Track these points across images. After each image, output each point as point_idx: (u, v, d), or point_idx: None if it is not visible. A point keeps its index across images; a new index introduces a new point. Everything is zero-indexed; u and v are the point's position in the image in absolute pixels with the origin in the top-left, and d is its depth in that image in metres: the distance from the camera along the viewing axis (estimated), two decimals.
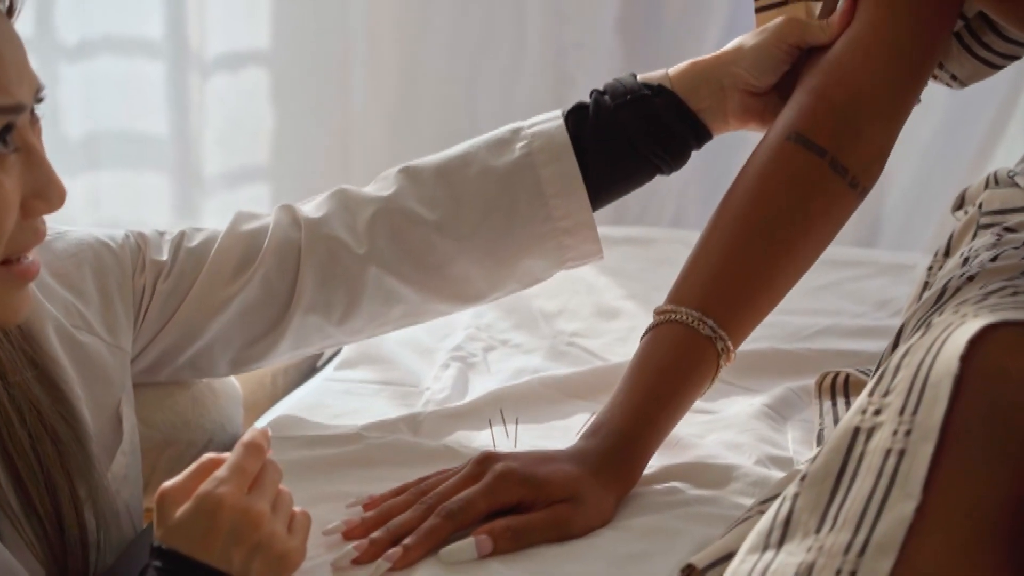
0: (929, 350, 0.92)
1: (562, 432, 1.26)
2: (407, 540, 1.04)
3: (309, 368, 1.57)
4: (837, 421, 1.28)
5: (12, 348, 1.04)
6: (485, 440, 1.26)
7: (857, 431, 0.91)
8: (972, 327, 0.91)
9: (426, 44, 2.56)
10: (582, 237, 1.26)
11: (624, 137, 1.25)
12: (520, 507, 1.07)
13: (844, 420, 0.93)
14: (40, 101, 0.96)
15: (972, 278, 1.14)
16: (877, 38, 1.21)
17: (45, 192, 0.96)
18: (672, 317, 1.17)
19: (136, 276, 1.21)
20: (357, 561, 1.03)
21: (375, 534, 1.05)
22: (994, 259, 1.16)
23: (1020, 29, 1.21)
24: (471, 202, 1.24)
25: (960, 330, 0.92)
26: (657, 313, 1.19)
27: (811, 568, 0.84)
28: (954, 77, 1.31)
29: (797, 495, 0.90)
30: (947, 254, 1.34)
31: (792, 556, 0.86)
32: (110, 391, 1.15)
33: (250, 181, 2.73)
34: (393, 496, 1.11)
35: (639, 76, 1.28)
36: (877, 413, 0.91)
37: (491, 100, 2.56)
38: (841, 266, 1.82)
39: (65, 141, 2.62)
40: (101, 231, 1.22)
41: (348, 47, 2.58)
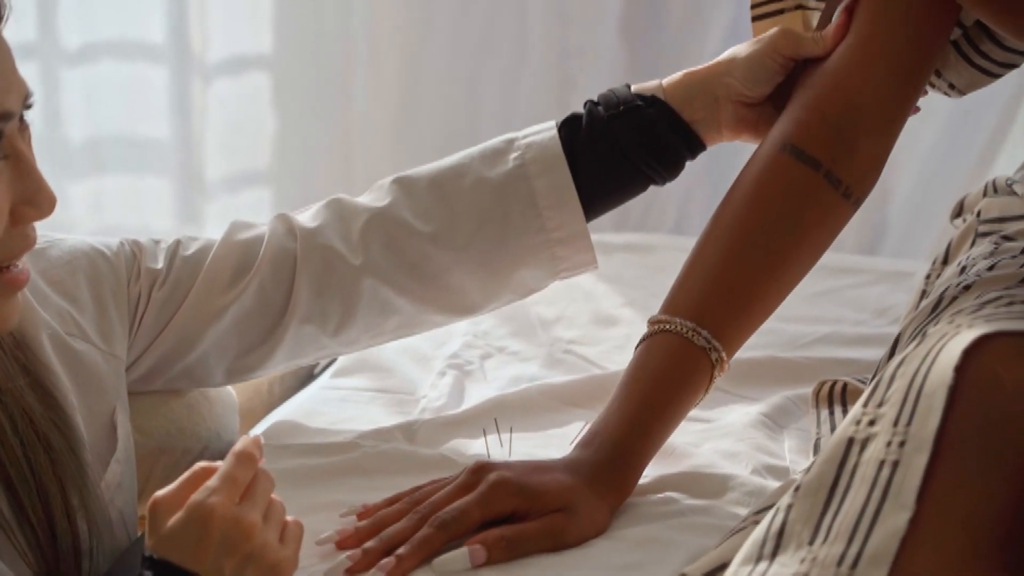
0: (924, 360, 0.92)
1: (559, 440, 1.25)
2: (400, 550, 1.04)
3: (306, 375, 1.57)
4: (834, 430, 1.28)
5: (5, 355, 1.04)
6: (481, 449, 1.26)
7: (851, 442, 0.90)
8: (967, 337, 0.91)
9: (427, 48, 2.56)
10: (576, 247, 1.26)
11: (617, 148, 1.25)
12: (514, 517, 1.07)
13: (838, 431, 0.93)
14: (29, 108, 0.96)
15: (968, 287, 1.14)
16: (872, 50, 1.21)
17: (35, 199, 0.95)
18: (666, 327, 1.17)
19: (131, 284, 1.21)
20: (350, 571, 1.03)
21: (368, 544, 1.05)
22: (991, 268, 1.16)
23: (1017, 38, 1.21)
24: (465, 213, 1.24)
25: (955, 340, 0.92)
26: (651, 323, 1.19)
27: None
28: (952, 86, 1.30)
29: (791, 506, 0.90)
30: (945, 262, 1.34)
31: (785, 568, 0.86)
32: (104, 399, 1.15)
33: (252, 185, 2.73)
34: (387, 505, 1.11)
35: (633, 86, 1.28)
36: (871, 424, 0.90)
37: (493, 104, 2.56)
38: (841, 273, 1.81)
39: (67, 145, 2.62)
40: (96, 239, 1.22)
41: (349, 51, 2.58)
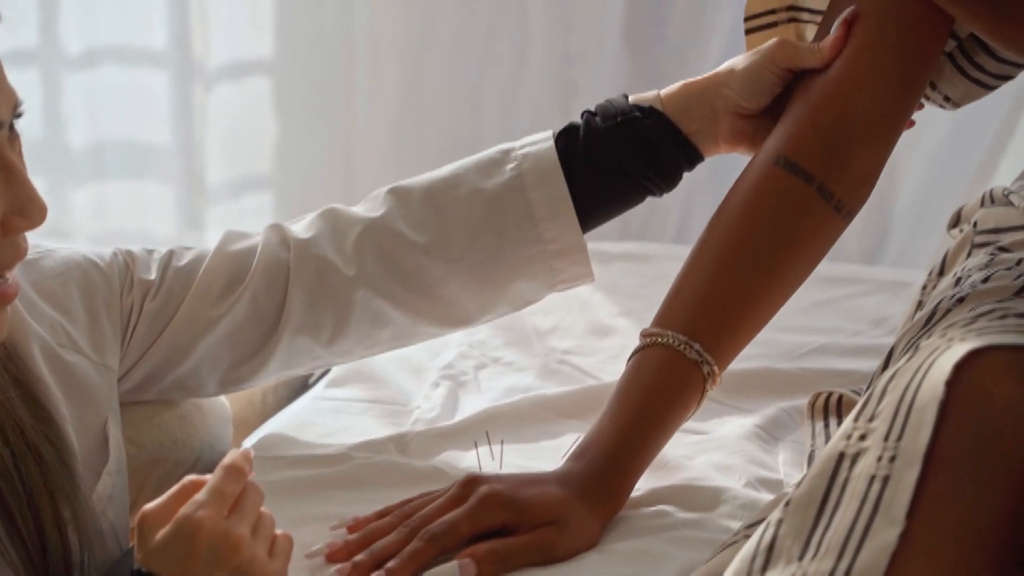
0: (915, 375, 0.92)
1: (551, 452, 1.25)
2: (390, 563, 1.04)
3: (300, 386, 1.57)
4: (829, 442, 1.28)
5: None
6: (473, 460, 1.25)
7: (842, 456, 0.90)
8: (958, 351, 0.91)
9: (429, 52, 2.56)
10: (572, 260, 1.25)
11: (614, 159, 1.24)
12: (505, 530, 1.07)
13: (829, 445, 0.93)
14: (19, 116, 0.96)
15: (962, 300, 1.13)
16: (867, 63, 1.20)
17: (26, 209, 0.95)
18: (658, 340, 1.17)
19: (124, 295, 1.20)
20: None
21: (358, 557, 1.05)
22: (986, 280, 1.16)
23: (1011, 50, 1.20)
24: (460, 225, 1.24)
25: (946, 354, 0.92)
26: (643, 336, 1.19)
27: None
28: (947, 98, 1.30)
29: (781, 521, 0.90)
30: (941, 273, 1.33)
31: None
32: (96, 410, 1.15)
33: (253, 190, 2.73)
34: (377, 518, 1.10)
35: (631, 97, 1.27)
36: (862, 438, 0.90)
37: (494, 109, 2.56)
38: (839, 283, 1.81)
39: (69, 151, 2.62)
40: (89, 249, 1.22)
41: (351, 55, 2.58)
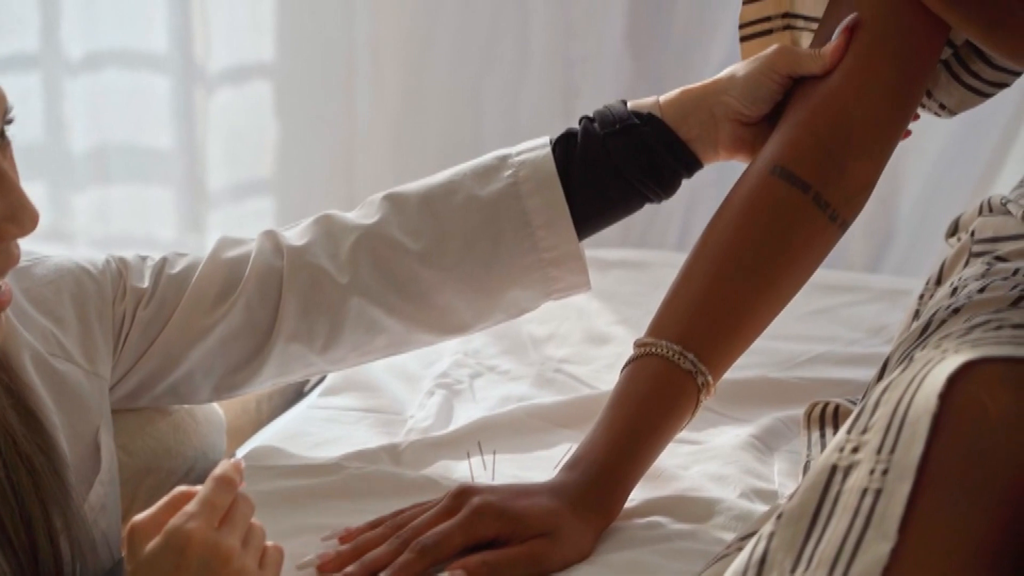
0: (908, 387, 0.91)
1: (545, 462, 1.24)
2: (381, 575, 1.03)
3: (294, 394, 1.56)
4: (822, 453, 1.27)
5: None
6: (467, 470, 1.25)
7: (834, 469, 0.90)
8: (952, 363, 0.90)
9: (430, 56, 2.55)
10: (569, 268, 1.25)
11: (612, 167, 1.24)
12: (497, 542, 1.06)
13: (822, 457, 0.92)
14: (10, 123, 0.95)
15: (958, 310, 1.13)
16: (865, 71, 1.20)
17: (17, 216, 0.94)
18: (652, 350, 1.16)
19: (116, 303, 1.20)
20: None
21: (349, 568, 1.05)
22: (982, 290, 1.15)
23: (1007, 57, 1.20)
24: (455, 232, 1.23)
25: (940, 366, 0.91)
26: (637, 345, 1.18)
27: None
28: (943, 106, 1.30)
29: (773, 534, 0.89)
30: (938, 282, 1.33)
31: None
32: (88, 419, 1.14)
33: (255, 194, 2.73)
34: (369, 529, 1.10)
35: (629, 103, 1.27)
36: (855, 451, 0.90)
37: (496, 113, 2.55)
38: (837, 291, 1.80)
39: (71, 155, 2.62)
40: (82, 256, 1.21)
41: (352, 59, 2.58)
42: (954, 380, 0.89)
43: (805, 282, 1.21)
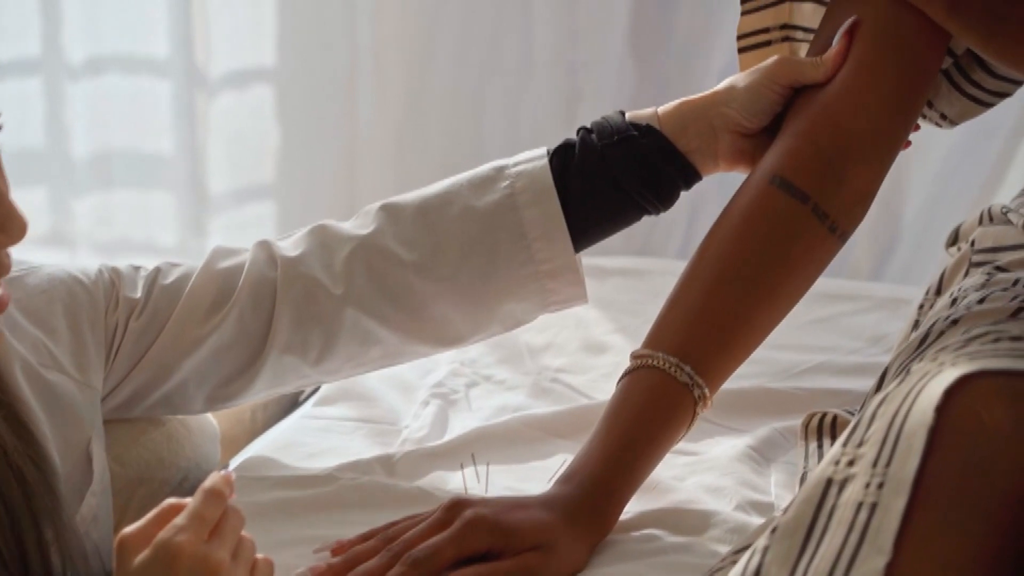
0: (905, 399, 0.90)
1: (540, 473, 1.24)
2: None
3: (290, 403, 1.56)
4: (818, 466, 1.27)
5: None
6: (461, 482, 1.24)
7: (830, 483, 0.89)
8: (948, 377, 0.90)
9: (433, 60, 2.54)
10: (565, 280, 1.24)
11: (610, 178, 1.23)
12: (489, 555, 1.06)
13: (817, 470, 0.92)
14: None
15: (956, 322, 1.12)
16: (865, 81, 1.19)
17: (5, 225, 0.93)
18: (648, 362, 1.16)
19: (109, 313, 1.19)
20: None
21: None
22: (981, 301, 1.14)
23: (1008, 66, 1.19)
24: (451, 243, 1.23)
25: (936, 380, 0.90)
26: (634, 357, 1.18)
27: None
28: (944, 116, 1.29)
29: (767, 548, 0.89)
30: (938, 292, 1.32)
31: None
32: (79, 430, 1.14)
33: (256, 198, 2.72)
34: (361, 541, 1.09)
35: (628, 114, 1.26)
36: (850, 464, 0.89)
37: (499, 118, 2.54)
38: (837, 299, 1.79)
39: (72, 160, 2.62)
40: (74, 266, 1.21)
41: (354, 63, 2.57)
42: (951, 393, 0.88)
43: (804, 293, 1.21)
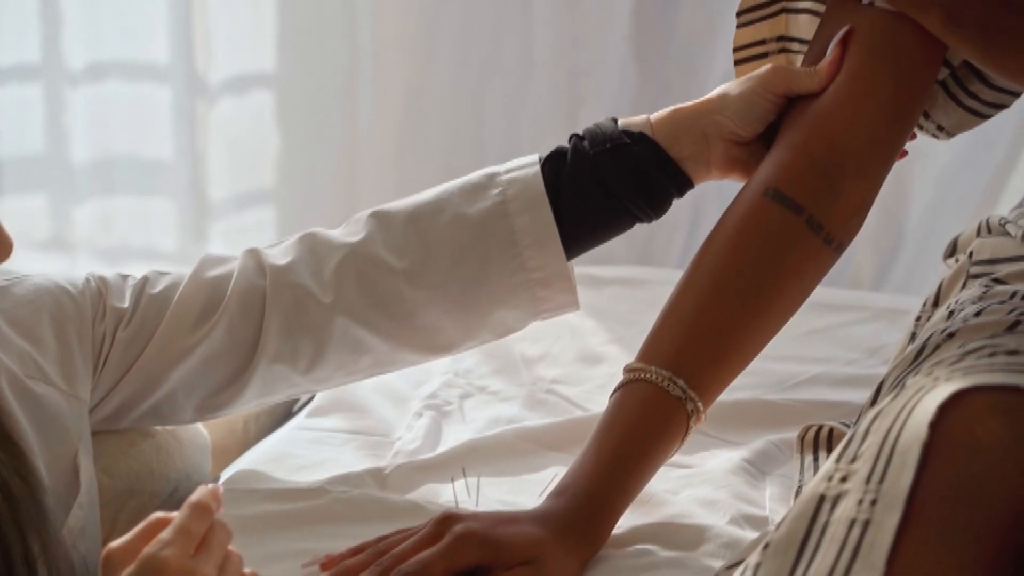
0: (899, 415, 0.90)
1: (533, 486, 1.23)
2: None
3: (283, 413, 1.55)
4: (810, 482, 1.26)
5: None
6: (452, 495, 1.23)
7: (822, 499, 0.89)
8: (943, 392, 0.89)
9: (432, 65, 2.54)
10: (557, 288, 1.23)
11: (602, 186, 1.22)
12: (479, 570, 1.05)
13: (810, 486, 0.91)
14: None
15: (952, 335, 1.11)
16: (861, 92, 1.18)
17: None
18: (641, 376, 1.15)
19: (96, 323, 1.19)
20: None
21: None
22: (978, 314, 1.14)
23: (1005, 77, 1.18)
24: (441, 251, 1.22)
25: (931, 395, 0.90)
26: (627, 370, 1.17)
27: None
28: (940, 128, 1.28)
29: (759, 565, 0.88)
30: (936, 304, 1.31)
31: None
32: (67, 442, 1.13)
33: (257, 204, 2.72)
34: (351, 555, 1.09)
35: (620, 121, 1.25)
36: (843, 480, 0.89)
37: (500, 121, 2.53)
38: (835, 310, 1.78)
39: (72, 166, 2.62)
40: (62, 276, 1.20)
41: (354, 68, 2.57)
42: (945, 409, 0.88)
43: (800, 306, 1.20)
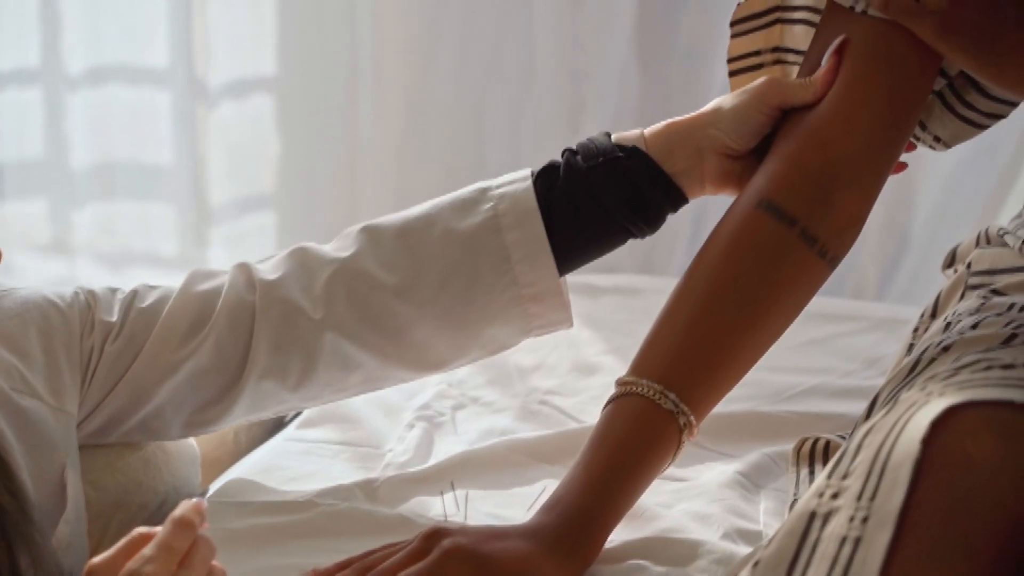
0: (891, 430, 0.89)
1: (525, 500, 1.22)
2: None
3: (274, 425, 1.54)
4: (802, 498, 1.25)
5: None
6: (442, 508, 1.22)
7: (813, 515, 0.88)
8: (936, 408, 0.89)
9: (433, 70, 2.54)
10: (549, 304, 1.22)
11: (595, 201, 1.21)
12: None
13: (801, 503, 0.91)
14: None
15: (948, 348, 1.10)
16: (856, 103, 1.17)
17: None
18: (633, 389, 1.14)
19: (84, 337, 1.18)
20: None
21: None
22: (975, 326, 1.13)
23: (1001, 88, 1.18)
24: (432, 266, 1.21)
25: (923, 410, 0.89)
26: (619, 384, 1.16)
27: None
28: (937, 139, 1.27)
29: None
30: (934, 315, 1.30)
31: None
32: (54, 457, 1.13)
33: (257, 209, 2.73)
34: (337, 570, 1.08)
35: (613, 136, 1.24)
36: (835, 497, 0.88)
37: (501, 127, 2.53)
38: (832, 320, 1.76)
39: (72, 170, 2.62)
40: (50, 289, 1.20)
41: (354, 73, 2.57)
42: (937, 425, 0.87)
43: (793, 319, 1.19)
